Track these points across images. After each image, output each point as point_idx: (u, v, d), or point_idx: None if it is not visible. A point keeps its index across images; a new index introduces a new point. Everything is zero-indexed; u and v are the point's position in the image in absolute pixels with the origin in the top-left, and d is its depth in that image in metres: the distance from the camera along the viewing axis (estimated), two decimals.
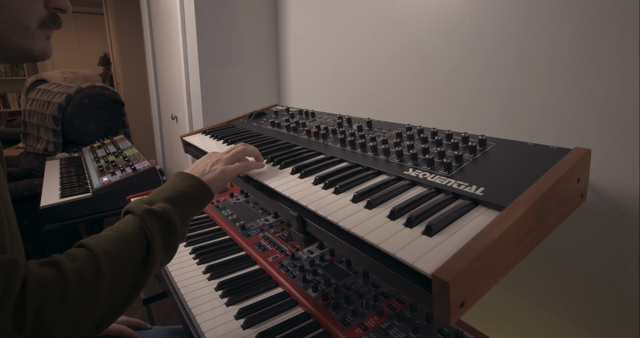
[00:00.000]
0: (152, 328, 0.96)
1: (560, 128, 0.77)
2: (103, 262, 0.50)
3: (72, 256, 0.50)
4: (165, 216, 0.59)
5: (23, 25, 0.52)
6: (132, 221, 0.57)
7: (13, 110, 5.17)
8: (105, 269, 0.50)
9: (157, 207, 0.59)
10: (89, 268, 0.49)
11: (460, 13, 0.94)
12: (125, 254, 0.53)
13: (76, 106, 2.44)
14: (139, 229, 0.56)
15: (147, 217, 0.57)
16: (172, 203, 0.62)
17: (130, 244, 0.54)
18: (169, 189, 0.64)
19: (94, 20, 5.15)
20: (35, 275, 0.45)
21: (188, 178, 0.67)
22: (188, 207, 0.64)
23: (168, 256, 0.60)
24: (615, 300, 0.73)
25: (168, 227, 0.59)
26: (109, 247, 0.52)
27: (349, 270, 0.87)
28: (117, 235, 0.55)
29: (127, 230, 0.56)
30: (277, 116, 1.19)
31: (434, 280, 0.40)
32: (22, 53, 0.54)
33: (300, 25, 1.58)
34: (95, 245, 0.52)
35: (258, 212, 1.21)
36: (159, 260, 0.57)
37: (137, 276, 0.54)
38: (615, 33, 0.67)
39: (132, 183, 1.63)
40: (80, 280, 0.48)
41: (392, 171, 0.67)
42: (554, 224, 0.54)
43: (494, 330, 0.90)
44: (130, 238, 0.55)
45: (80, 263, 0.49)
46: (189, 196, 0.64)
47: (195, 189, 0.66)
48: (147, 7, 2.39)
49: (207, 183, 0.68)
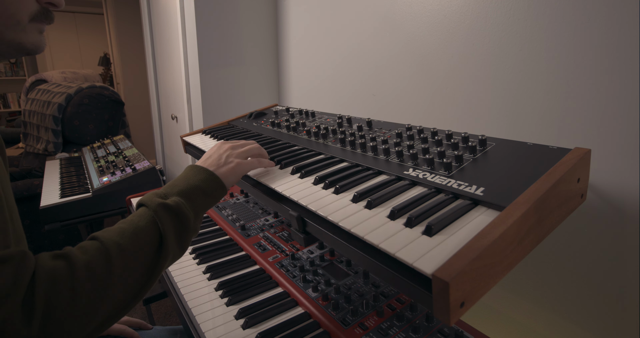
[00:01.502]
0: (152, 328, 0.96)
1: (560, 128, 0.77)
2: (114, 255, 0.50)
3: (84, 249, 0.50)
4: (178, 210, 0.58)
5: (14, 18, 0.53)
6: (146, 215, 0.56)
7: (13, 110, 5.17)
8: (116, 262, 0.50)
9: (170, 201, 0.59)
10: (100, 261, 0.49)
11: (460, 13, 0.94)
12: (137, 248, 0.53)
13: (76, 106, 2.44)
14: (152, 223, 0.56)
15: (160, 211, 0.57)
16: (185, 197, 0.61)
17: (143, 237, 0.54)
18: (183, 182, 0.64)
19: (94, 20, 5.15)
20: (46, 268, 0.45)
21: (202, 172, 0.66)
22: (202, 201, 0.63)
23: (180, 251, 0.59)
24: (615, 300, 0.73)
25: (181, 221, 0.58)
26: (121, 240, 0.52)
27: (349, 270, 0.87)
28: (130, 227, 0.54)
29: (140, 223, 0.55)
30: (277, 116, 1.19)
31: (434, 280, 0.40)
32: (15, 46, 0.55)
33: (300, 25, 1.58)
34: (107, 238, 0.52)
35: (258, 212, 1.21)
36: (172, 254, 0.57)
37: (149, 270, 0.54)
38: (615, 33, 0.67)
39: (132, 183, 1.63)
40: (90, 273, 0.47)
41: (392, 171, 0.67)
42: (554, 224, 0.54)
43: (494, 330, 0.89)
44: (143, 231, 0.54)
45: (91, 256, 0.49)
46: (202, 190, 0.63)
47: (209, 183, 0.65)
48: (147, 7, 2.39)
49: (221, 177, 0.66)
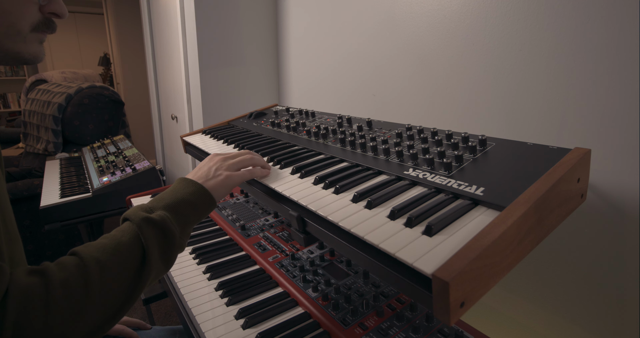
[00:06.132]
0: (152, 328, 0.96)
1: (560, 128, 0.77)
2: (93, 272, 0.48)
3: (62, 265, 0.48)
4: (163, 225, 0.56)
5: (15, 28, 0.52)
6: (129, 229, 0.55)
7: (13, 110, 5.17)
8: (94, 279, 0.48)
9: (155, 215, 0.56)
10: (77, 278, 0.47)
11: (460, 13, 0.94)
12: (118, 264, 0.51)
13: (76, 106, 2.44)
14: (135, 238, 0.54)
15: (144, 225, 0.55)
16: (172, 211, 0.59)
17: (125, 253, 0.52)
18: (170, 196, 0.62)
19: (94, 20, 5.15)
20: (20, 285, 0.44)
21: (190, 185, 0.64)
22: (189, 215, 0.61)
23: (165, 267, 0.57)
24: (615, 300, 0.73)
25: (166, 237, 0.56)
26: (102, 256, 0.50)
27: (349, 270, 0.87)
28: (112, 243, 0.52)
29: (122, 238, 0.53)
30: (277, 116, 1.19)
31: (434, 280, 0.40)
32: (13, 56, 0.54)
33: (300, 25, 1.58)
34: (87, 253, 0.50)
35: (258, 212, 1.21)
36: (155, 271, 0.54)
37: (130, 287, 0.51)
38: (615, 33, 0.67)
39: (132, 183, 1.63)
40: (66, 290, 0.46)
41: (392, 171, 0.67)
42: (554, 224, 0.54)
43: (494, 330, 0.89)
44: (125, 247, 0.52)
45: (68, 273, 0.47)
46: (190, 204, 0.61)
47: (197, 196, 0.63)
48: (147, 7, 2.39)
49: (210, 190, 0.65)
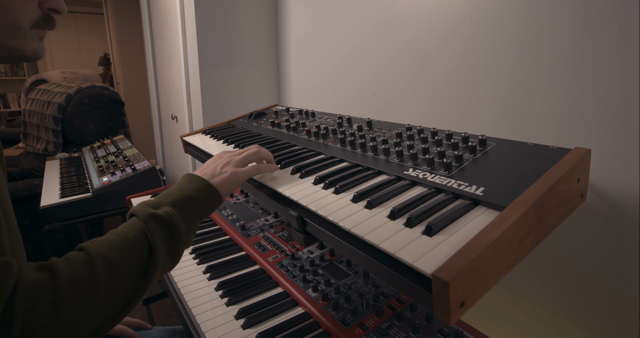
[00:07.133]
0: (152, 329, 0.96)
1: (560, 128, 0.77)
2: (100, 268, 0.48)
3: (69, 261, 0.48)
4: (169, 221, 0.56)
5: (15, 24, 0.52)
6: (135, 225, 0.55)
7: (13, 110, 5.17)
8: (101, 275, 0.48)
9: (161, 211, 0.57)
10: (85, 273, 0.47)
11: (460, 13, 0.94)
12: (124, 260, 0.51)
13: (76, 106, 2.44)
14: (142, 234, 0.54)
15: (150, 222, 0.55)
16: (178, 207, 0.59)
17: (131, 249, 0.52)
18: (176, 192, 0.62)
19: (94, 20, 5.15)
20: (28, 280, 0.44)
21: (196, 181, 0.64)
22: (195, 211, 0.61)
23: (171, 264, 0.57)
24: (615, 300, 0.73)
25: (172, 233, 0.56)
26: (108, 252, 0.50)
27: (349, 270, 0.87)
28: (118, 239, 0.53)
29: (129, 234, 0.54)
30: (277, 116, 1.19)
31: (434, 280, 0.40)
32: (14, 53, 0.54)
33: (300, 25, 1.58)
34: (94, 249, 0.50)
35: (258, 212, 1.21)
36: (161, 267, 0.55)
37: (137, 283, 0.52)
38: (615, 33, 0.67)
39: (132, 183, 1.63)
40: (73, 286, 0.46)
41: (392, 171, 0.67)
42: (554, 224, 0.54)
43: (494, 330, 0.89)
44: (132, 243, 0.53)
45: (75, 269, 0.47)
46: (196, 200, 0.62)
47: (204, 193, 0.63)
48: (147, 7, 2.39)
49: (216, 186, 0.65)
